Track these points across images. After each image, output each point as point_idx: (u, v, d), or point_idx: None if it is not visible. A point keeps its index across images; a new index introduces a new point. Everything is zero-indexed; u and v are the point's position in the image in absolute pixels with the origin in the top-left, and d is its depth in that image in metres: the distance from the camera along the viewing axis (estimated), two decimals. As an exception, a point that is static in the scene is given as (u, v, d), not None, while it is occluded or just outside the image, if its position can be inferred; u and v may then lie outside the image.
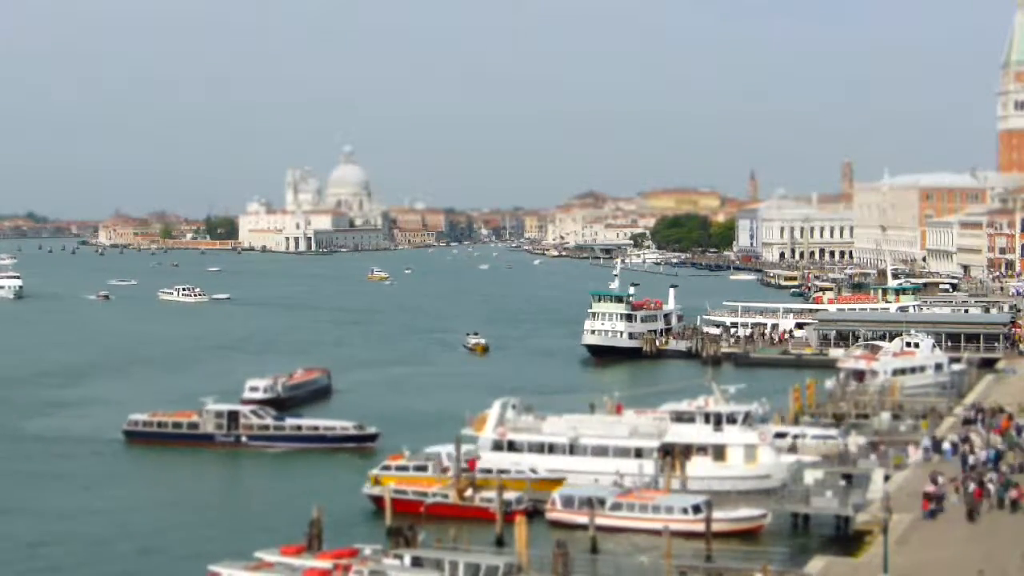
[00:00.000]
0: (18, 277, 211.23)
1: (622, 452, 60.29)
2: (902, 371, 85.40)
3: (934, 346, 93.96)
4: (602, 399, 70.80)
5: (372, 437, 73.83)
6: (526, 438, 62.27)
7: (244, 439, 74.16)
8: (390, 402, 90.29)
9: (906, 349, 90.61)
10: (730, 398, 62.60)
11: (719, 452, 59.52)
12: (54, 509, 59.93)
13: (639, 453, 60.03)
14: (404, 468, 59.79)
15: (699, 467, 58.92)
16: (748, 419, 60.76)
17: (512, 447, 61.95)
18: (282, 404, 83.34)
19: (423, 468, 59.57)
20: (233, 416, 74.82)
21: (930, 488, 49.67)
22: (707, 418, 60.58)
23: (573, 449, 61.28)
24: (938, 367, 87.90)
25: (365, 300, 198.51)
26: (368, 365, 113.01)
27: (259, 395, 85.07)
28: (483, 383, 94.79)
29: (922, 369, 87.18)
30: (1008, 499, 48.91)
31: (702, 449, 59.61)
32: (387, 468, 60.08)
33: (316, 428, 74.93)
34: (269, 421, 75.06)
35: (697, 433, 60.26)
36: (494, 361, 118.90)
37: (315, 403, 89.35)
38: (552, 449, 61.45)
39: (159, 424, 75.86)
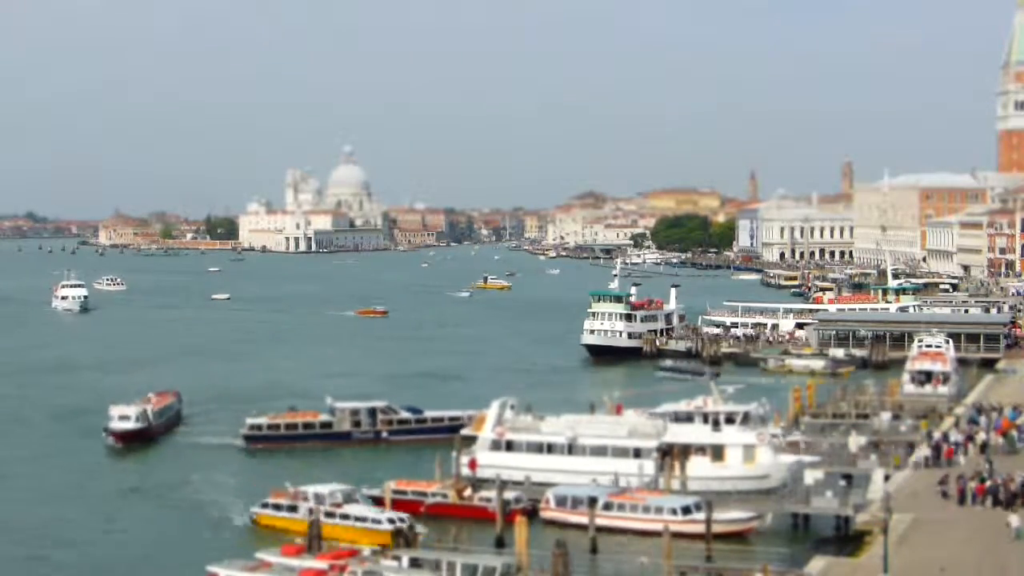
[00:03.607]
0: (83, 285, 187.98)
1: (621, 452, 60.16)
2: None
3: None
4: (602, 399, 70.95)
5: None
6: (524, 438, 62.14)
7: (385, 434, 75.19)
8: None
9: (929, 350, 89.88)
10: (728, 398, 62.55)
11: (718, 452, 59.36)
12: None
13: (638, 453, 59.92)
14: (278, 507, 55.11)
15: (698, 467, 58.84)
16: (747, 419, 60.65)
17: (510, 447, 61.85)
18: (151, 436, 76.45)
19: (293, 509, 54.13)
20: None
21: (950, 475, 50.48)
22: (705, 418, 60.58)
23: (572, 449, 61.14)
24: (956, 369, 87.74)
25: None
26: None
27: (129, 425, 75.51)
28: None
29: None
30: (1006, 496, 49.00)
31: (700, 449, 59.50)
32: (265, 506, 55.81)
33: (456, 418, 73.34)
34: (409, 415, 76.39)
35: (696, 433, 60.18)
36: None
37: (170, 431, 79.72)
38: (551, 449, 61.36)
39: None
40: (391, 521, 51.02)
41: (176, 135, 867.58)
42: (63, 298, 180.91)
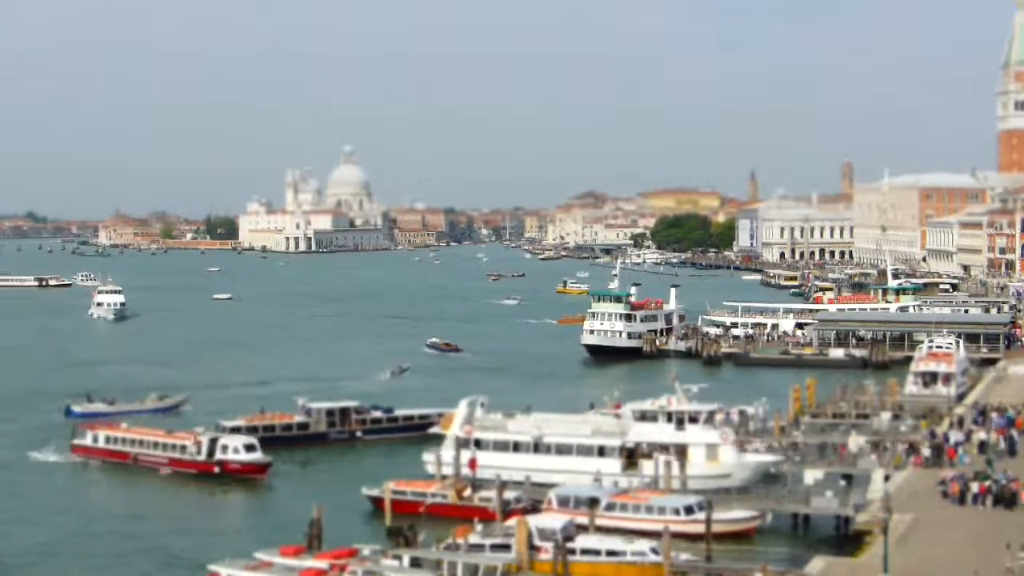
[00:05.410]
0: (120, 292, 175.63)
1: (585, 451, 61.31)
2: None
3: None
4: (602, 399, 71.16)
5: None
6: (492, 436, 63.06)
7: (359, 434, 76.36)
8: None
9: (938, 351, 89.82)
10: (692, 398, 63.18)
11: (681, 451, 60.10)
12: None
13: (602, 452, 61.08)
14: None
15: (661, 466, 59.79)
16: (710, 419, 61.66)
17: (478, 445, 62.67)
18: None
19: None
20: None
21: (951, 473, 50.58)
22: (669, 417, 61.32)
23: (537, 447, 62.09)
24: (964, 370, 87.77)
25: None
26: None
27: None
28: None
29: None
30: (1007, 494, 49.02)
31: (664, 448, 60.32)
32: None
33: (426, 416, 76.45)
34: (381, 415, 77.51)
35: (659, 432, 61.06)
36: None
37: None
38: (517, 448, 62.21)
39: None
40: None
41: (176, 135, 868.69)
42: (99, 304, 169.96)
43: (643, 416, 62.11)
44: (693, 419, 60.98)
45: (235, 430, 73.87)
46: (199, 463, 67.30)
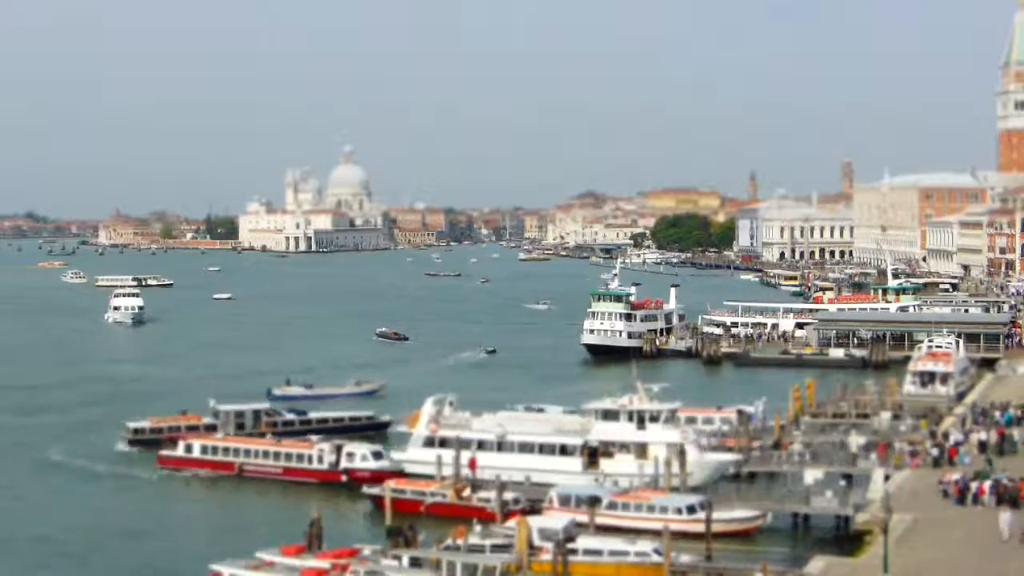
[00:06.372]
0: (138, 295, 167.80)
1: (548, 449, 62.15)
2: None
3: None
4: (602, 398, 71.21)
5: (386, 425, 76.32)
6: (456, 435, 63.42)
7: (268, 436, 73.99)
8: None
9: (937, 350, 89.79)
10: (654, 397, 63.62)
11: (641, 450, 60.77)
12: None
13: (564, 450, 61.82)
14: None
15: (622, 465, 60.56)
16: (671, 418, 62.35)
17: (444, 444, 63.03)
18: None
19: None
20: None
21: (955, 476, 50.82)
22: (631, 416, 61.85)
23: (501, 446, 62.67)
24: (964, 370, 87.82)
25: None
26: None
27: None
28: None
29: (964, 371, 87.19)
30: (1009, 496, 49.02)
31: (625, 447, 61.06)
32: None
33: (340, 419, 76.17)
34: (293, 417, 76.28)
35: (620, 431, 61.69)
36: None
37: None
38: (481, 446, 62.65)
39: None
40: None
41: (176, 135, 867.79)
42: (115, 308, 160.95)
43: (605, 415, 62.79)
44: (654, 418, 61.71)
45: (138, 431, 73.62)
46: (322, 472, 63.83)
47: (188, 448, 68.40)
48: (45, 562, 51.92)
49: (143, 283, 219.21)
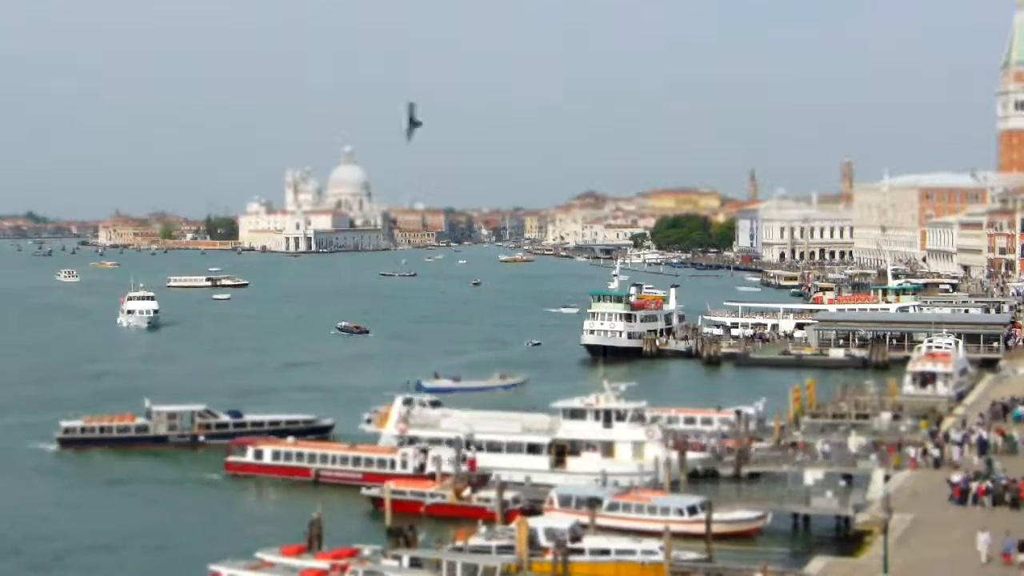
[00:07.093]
0: (152, 297, 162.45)
1: (515, 448, 62.90)
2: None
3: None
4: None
5: (327, 428, 75.54)
6: (425, 434, 64.43)
7: (202, 438, 73.82)
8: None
9: (936, 351, 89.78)
10: (620, 395, 64.08)
11: (608, 448, 61.64)
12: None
13: (532, 448, 62.62)
14: None
15: (588, 463, 61.10)
16: (636, 416, 62.87)
17: (412, 443, 63.92)
18: None
19: None
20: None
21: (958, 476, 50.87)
22: (597, 415, 62.52)
23: (469, 445, 63.00)
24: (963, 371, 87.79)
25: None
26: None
27: None
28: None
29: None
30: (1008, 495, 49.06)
31: (591, 445, 61.78)
32: None
33: (277, 423, 74.70)
34: (227, 419, 75.24)
35: (587, 429, 62.41)
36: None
37: None
38: (450, 445, 62.81)
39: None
40: None
41: (176, 135, 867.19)
42: (129, 312, 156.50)
43: (572, 414, 63.39)
44: (620, 416, 62.40)
45: (69, 430, 73.38)
46: (408, 478, 60.54)
47: (258, 454, 66.28)
48: (45, 563, 51.91)
49: (216, 283, 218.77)
